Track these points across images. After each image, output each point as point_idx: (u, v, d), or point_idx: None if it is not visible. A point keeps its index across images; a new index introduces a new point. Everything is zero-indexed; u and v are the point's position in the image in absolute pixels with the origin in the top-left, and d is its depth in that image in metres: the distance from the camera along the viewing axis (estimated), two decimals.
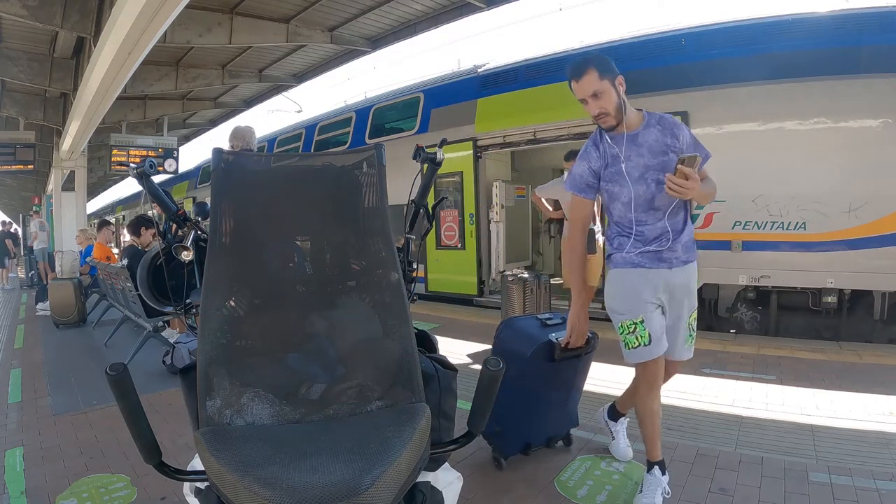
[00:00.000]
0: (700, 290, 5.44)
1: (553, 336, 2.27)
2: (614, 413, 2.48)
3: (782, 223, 4.86)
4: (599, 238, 4.59)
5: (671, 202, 1.94)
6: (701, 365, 3.88)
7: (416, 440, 0.95)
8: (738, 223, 5.07)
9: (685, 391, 3.34)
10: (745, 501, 2.04)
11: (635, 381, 2.13)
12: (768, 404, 3.08)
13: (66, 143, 10.86)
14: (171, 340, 4.50)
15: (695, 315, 2.07)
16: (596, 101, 1.95)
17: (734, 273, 5.14)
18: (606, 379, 3.39)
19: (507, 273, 4.77)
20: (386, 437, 0.95)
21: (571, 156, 4.42)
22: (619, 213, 2.02)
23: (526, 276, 4.65)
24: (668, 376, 2.11)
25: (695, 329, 2.08)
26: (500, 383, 2.02)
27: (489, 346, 4.88)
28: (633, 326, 2.01)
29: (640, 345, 2.00)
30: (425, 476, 1.19)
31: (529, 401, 2.28)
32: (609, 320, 2.13)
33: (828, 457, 2.39)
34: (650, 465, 2.06)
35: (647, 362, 1.99)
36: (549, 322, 2.40)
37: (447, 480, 1.25)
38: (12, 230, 15.37)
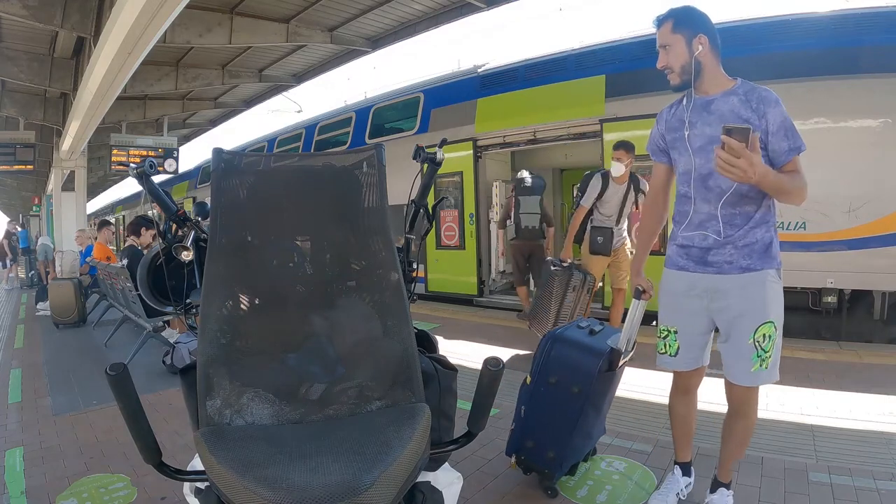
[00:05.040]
0: None
1: (610, 343, 2.12)
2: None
3: (782, 223, 4.86)
4: (626, 241, 4.39)
5: (730, 187, 1.70)
6: None
7: (416, 440, 0.95)
8: None
9: None
10: (745, 501, 2.04)
11: (672, 381, 2.06)
12: (768, 404, 3.08)
13: (66, 143, 10.86)
14: (171, 340, 4.50)
15: (767, 331, 1.74)
16: (664, 55, 1.79)
17: None
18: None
19: (552, 259, 4.29)
20: (386, 437, 0.95)
21: (619, 146, 4.13)
22: (677, 185, 1.88)
23: (573, 270, 4.11)
24: (734, 401, 1.85)
25: (769, 350, 1.74)
26: (556, 405, 1.95)
27: (489, 346, 4.87)
28: (666, 333, 1.92)
29: (665, 353, 1.92)
30: (425, 476, 1.19)
31: (589, 417, 2.12)
32: None
33: (828, 457, 2.39)
34: (674, 465, 2.09)
35: (674, 370, 1.96)
36: (595, 329, 2.23)
37: (447, 480, 1.25)
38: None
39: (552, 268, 4.17)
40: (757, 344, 1.73)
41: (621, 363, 2.16)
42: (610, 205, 4.22)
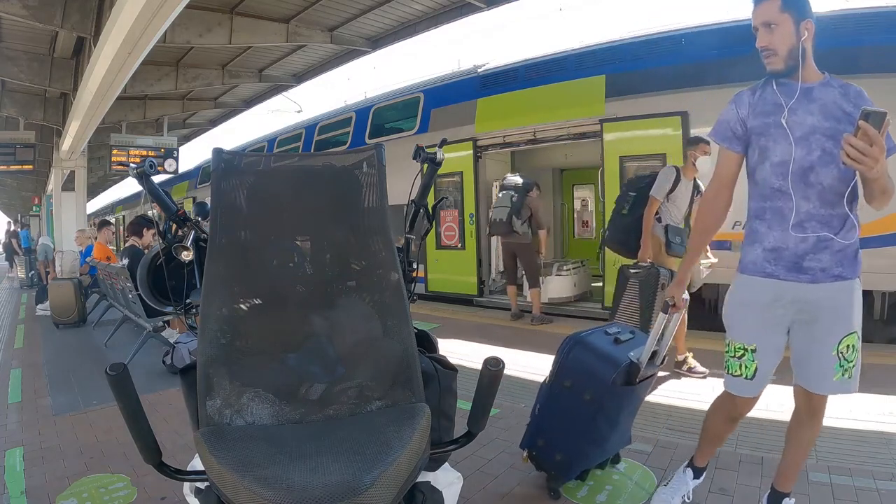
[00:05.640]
0: (700, 290, 5.44)
1: (632, 355, 2.01)
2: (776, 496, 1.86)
3: None
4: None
5: (833, 183, 1.55)
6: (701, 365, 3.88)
7: (416, 440, 0.95)
8: (737, 223, 5.02)
9: (685, 391, 3.34)
10: (744, 501, 2.04)
11: (721, 398, 1.82)
12: (768, 404, 3.06)
13: (66, 143, 10.87)
14: (171, 340, 4.50)
15: (851, 341, 1.62)
16: (766, 34, 1.61)
17: (734, 273, 5.13)
18: None
19: (631, 268, 3.73)
20: (386, 437, 0.95)
21: (695, 142, 3.79)
22: (763, 178, 1.64)
23: (658, 267, 3.58)
24: (809, 410, 1.75)
25: (852, 360, 1.63)
26: (568, 409, 1.85)
27: (489, 346, 4.86)
28: (741, 352, 1.69)
29: (741, 376, 1.69)
30: (425, 476, 1.19)
31: (600, 426, 2.06)
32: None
33: (828, 457, 2.39)
34: (686, 465, 2.00)
35: (739, 397, 1.73)
36: (621, 338, 2.12)
37: (447, 480, 1.25)
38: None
39: (630, 272, 3.67)
40: (840, 355, 1.61)
41: (643, 378, 2.02)
42: (679, 202, 3.84)
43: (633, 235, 3.82)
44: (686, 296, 1.91)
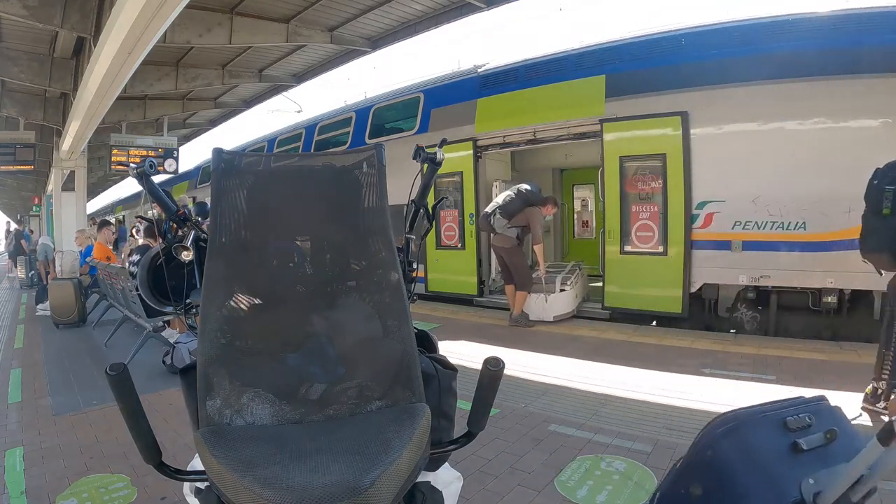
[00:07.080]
0: (700, 290, 5.45)
1: (809, 486, 1.17)
2: None
3: (782, 223, 4.86)
4: None
5: None
6: (701, 365, 3.89)
7: (416, 440, 0.95)
8: (738, 223, 5.06)
9: (685, 391, 3.34)
10: None
11: None
12: None
13: (66, 143, 10.87)
14: (171, 340, 4.50)
15: None
16: None
17: (734, 273, 5.14)
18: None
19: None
20: (386, 437, 0.94)
21: None
22: None
23: None
24: None
25: None
26: None
27: (489, 346, 4.86)
28: None
29: None
30: (425, 476, 1.19)
31: None
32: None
33: None
34: None
35: None
36: (803, 443, 1.25)
37: (447, 480, 1.25)
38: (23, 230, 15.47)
39: None
40: None
41: None
42: None
43: None
44: None
